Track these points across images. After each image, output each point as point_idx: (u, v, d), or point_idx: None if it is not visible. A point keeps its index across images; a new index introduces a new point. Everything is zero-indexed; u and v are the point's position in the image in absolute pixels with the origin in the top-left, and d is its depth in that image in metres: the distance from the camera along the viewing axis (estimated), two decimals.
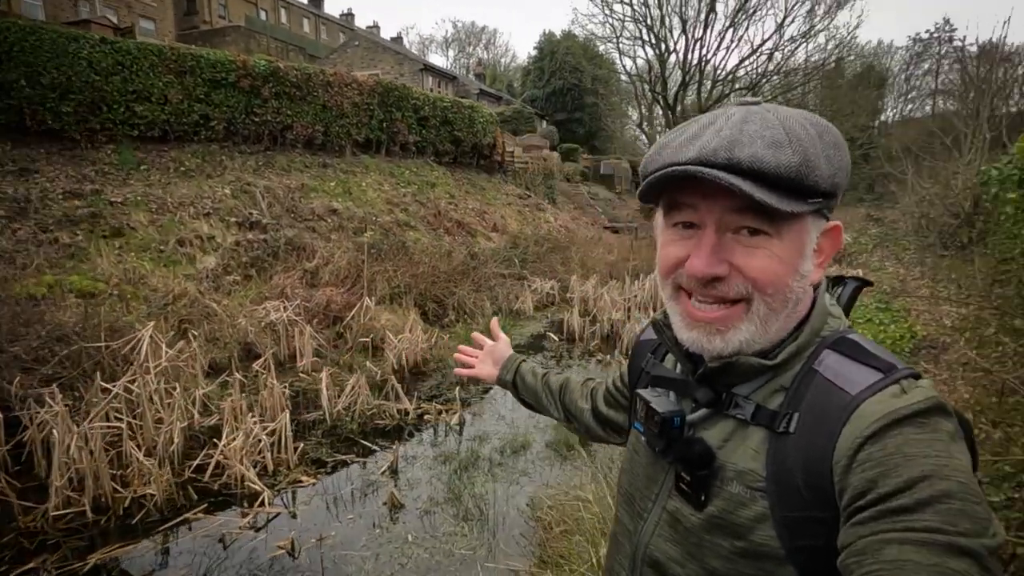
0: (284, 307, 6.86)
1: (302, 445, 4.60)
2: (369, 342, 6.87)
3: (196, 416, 4.86)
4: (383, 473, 4.35)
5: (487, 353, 1.30)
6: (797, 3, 25.86)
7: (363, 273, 8.11)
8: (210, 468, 4.11)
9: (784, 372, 0.65)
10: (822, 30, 26.73)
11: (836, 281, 0.78)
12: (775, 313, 0.64)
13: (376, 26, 37.83)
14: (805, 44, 27.20)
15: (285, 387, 5.09)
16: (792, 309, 0.66)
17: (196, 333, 5.85)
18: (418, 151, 14.79)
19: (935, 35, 38.03)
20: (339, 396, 5.41)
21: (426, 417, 5.39)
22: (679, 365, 0.76)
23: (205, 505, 3.81)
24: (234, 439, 4.19)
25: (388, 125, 13.50)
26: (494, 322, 1.38)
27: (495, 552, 3.43)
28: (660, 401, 0.72)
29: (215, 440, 4.32)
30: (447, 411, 5.49)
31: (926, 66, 38.92)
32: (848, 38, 27.86)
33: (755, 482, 0.62)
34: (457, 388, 5.88)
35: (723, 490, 0.65)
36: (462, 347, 1.37)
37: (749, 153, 0.58)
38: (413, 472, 4.41)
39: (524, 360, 1.26)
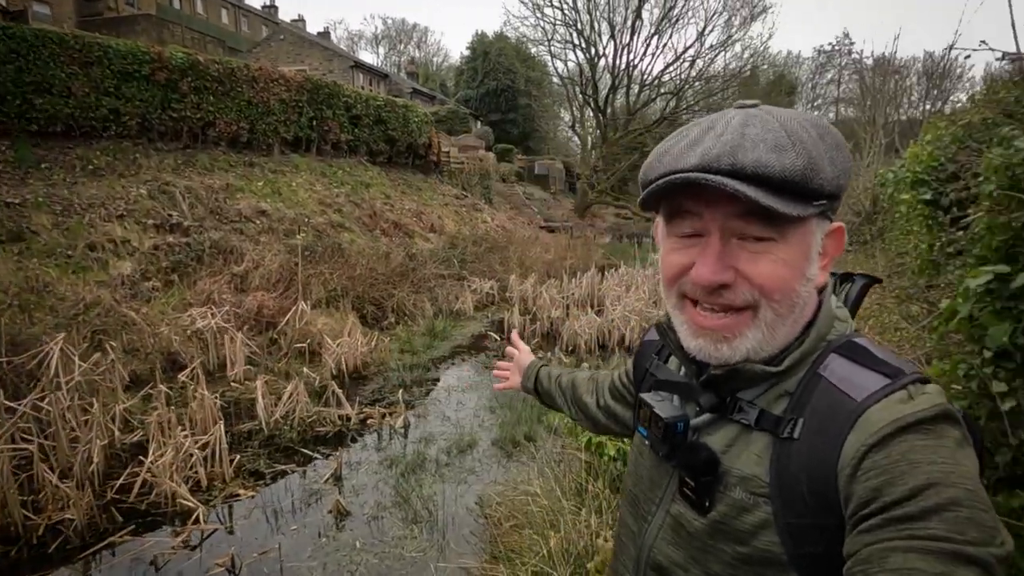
0: (212, 314, 6.51)
1: (238, 457, 4.39)
2: (306, 347, 6.65)
3: (117, 433, 4.53)
4: (326, 481, 4.24)
5: (516, 364, 1.36)
6: (716, 14, 27.47)
7: (297, 276, 7.83)
8: (136, 487, 3.85)
9: (789, 377, 0.64)
10: (738, 40, 28.54)
11: (844, 278, 0.76)
12: (782, 319, 0.63)
13: (301, 20, 36.36)
14: (724, 52, 28.86)
15: (216, 397, 4.83)
16: (799, 314, 0.64)
17: (113, 344, 5.44)
18: (351, 150, 14.43)
19: (836, 47, 41.47)
20: (276, 404, 5.21)
21: (369, 422, 5.29)
22: (683, 368, 0.75)
23: (132, 527, 3.57)
24: (162, 455, 3.95)
25: (319, 123, 13.07)
26: (514, 335, 1.44)
27: (446, 552, 3.43)
28: (663, 406, 0.71)
29: (140, 457, 4.04)
30: (391, 414, 5.41)
31: (829, 75, 42.36)
32: (761, 48, 29.99)
33: (758, 488, 0.61)
34: (400, 391, 5.81)
35: (726, 495, 0.64)
36: (499, 363, 1.43)
37: (753, 158, 0.57)
38: (358, 478, 4.32)
39: (543, 365, 1.30)
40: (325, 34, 37.08)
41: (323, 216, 11.18)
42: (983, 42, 1.36)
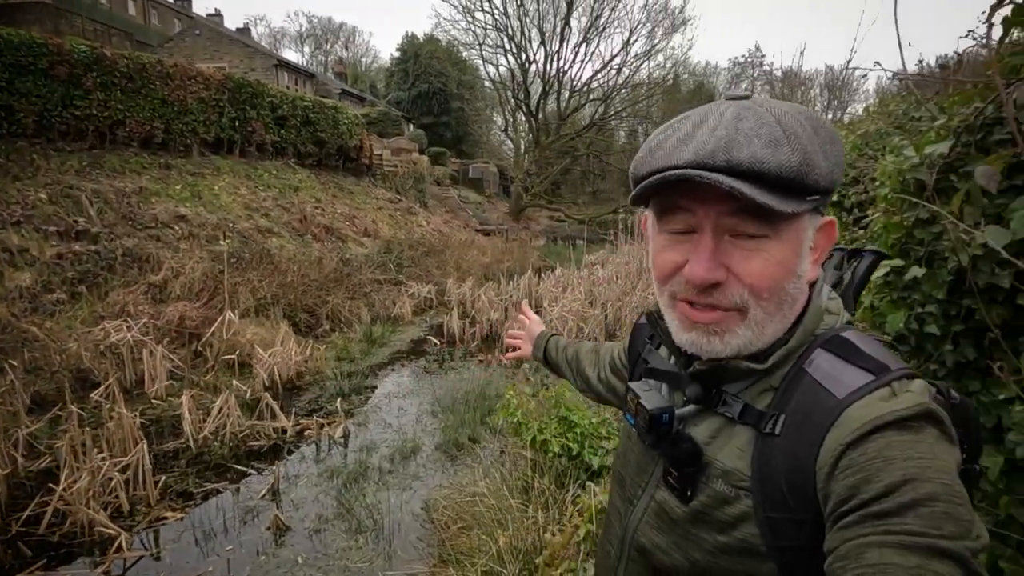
0: (127, 326, 6.07)
1: (164, 478, 4.13)
2: (235, 359, 6.33)
3: (20, 460, 4.13)
4: (263, 497, 4.07)
5: (527, 333, 1.38)
6: (640, 24, 28.73)
7: (223, 284, 7.43)
8: (46, 517, 3.53)
9: (774, 372, 0.64)
10: (661, 50, 29.98)
11: (853, 254, 0.75)
12: (771, 316, 0.62)
13: (218, 14, 34.41)
14: (648, 61, 30.11)
15: (136, 416, 4.51)
16: (788, 310, 0.64)
17: (13, 363, 4.96)
18: (278, 152, 13.87)
19: (749, 59, 44.31)
20: (205, 420, 4.93)
21: (307, 433, 5.12)
22: (672, 357, 0.75)
23: (44, 561, 3.27)
24: (75, 481, 3.64)
25: (242, 124, 12.47)
26: (524, 305, 1.45)
27: (393, 560, 3.39)
28: (650, 396, 0.71)
29: (51, 485, 3.72)
30: (329, 424, 5.26)
31: (744, 85, 45.12)
32: (682, 58, 31.51)
33: (740, 481, 0.62)
34: (338, 400, 5.66)
35: (708, 486, 0.64)
36: (510, 331, 1.44)
37: (748, 153, 0.55)
38: (297, 492, 4.17)
39: (553, 335, 1.32)
40: (245, 31, 35.35)
41: (249, 221, 10.68)
42: (877, 63, 1.53)
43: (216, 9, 34.69)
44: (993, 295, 1.34)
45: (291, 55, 46.89)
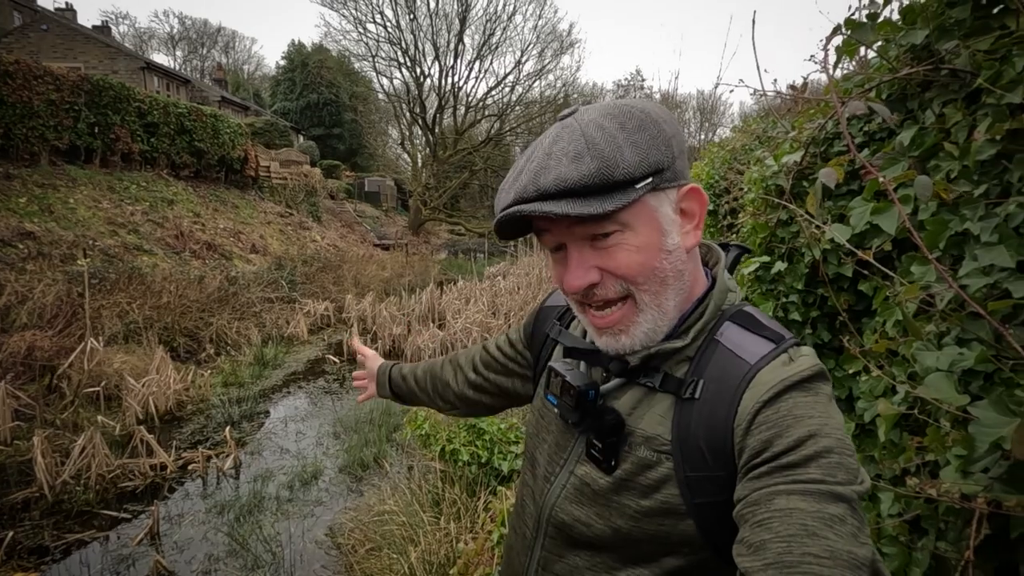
0: None
1: (11, 534, 3.55)
2: (100, 391, 5.62)
3: None
4: (139, 542, 3.63)
5: (368, 373, 1.28)
6: (531, 45, 29.78)
7: (83, 309, 6.58)
8: None
9: (691, 344, 0.69)
10: (551, 70, 31.19)
11: (723, 248, 0.81)
12: (661, 294, 0.67)
13: (70, 9, 30.64)
14: (539, 80, 31.29)
15: None
16: (682, 284, 0.69)
17: None
18: (148, 162, 12.64)
19: (631, 81, 47.62)
20: (63, 464, 4.31)
21: (191, 467, 4.65)
22: (587, 334, 0.78)
23: None
24: None
25: (103, 130, 11.22)
26: (354, 341, 1.34)
27: None
28: (574, 374, 0.73)
29: None
30: (218, 455, 4.82)
31: None
32: (571, 79, 33.13)
33: (661, 446, 0.66)
34: (227, 428, 5.21)
35: (631, 454, 0.68)
36: (355, 373, 1.32)
37: (553, 176, 0.61)
38: (182, 532, 3.78)
39: (393, 366, 1.24)
40: (104, 29, 31.85)
41: (114, 237, 9.60)
42: (741, 80, 1.73)
43: (67, 3, 30.90)
44: (840, 284, 1.56)
45: (161, 59, 43.00)
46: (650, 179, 0.63)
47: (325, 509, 4.05)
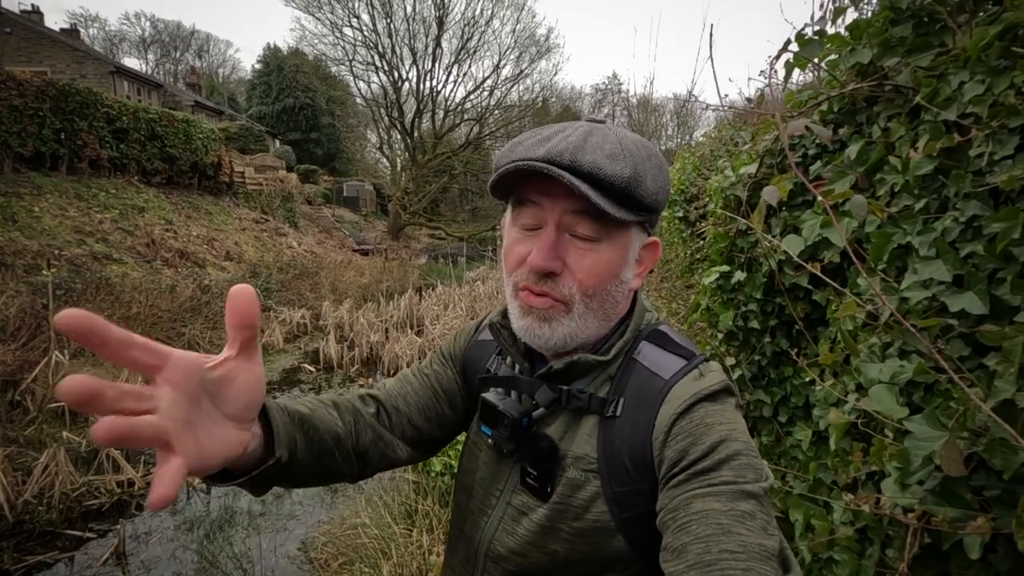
0: None
1: None
2: (65, 406, 5.45)
3: None
4: (104, 562, 3.53)
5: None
6: (509, 49, 29.78)
7: (47, 321, 6.39)
8: None
9: (612, 363, 0.73)
10: (529, 74, 31.28)
11: None
12: (592, 313, 0.70)
13: (37, 11, 29.80)
14: (518, 85, 31.34)
15: None
16: (610, 311, 0.73)
17: None
18: (117, 169, 12.35)
19: (608, 86, 48.04)
20: (25, 482, 4.17)
21: None
22: (516, 366, 0.80)
23: None
24: None
25: (70, 137, 10.94)
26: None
27: None
28: (508, 404, 0.74)
29: None
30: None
31: (606, 110, 48.74)
32: (549, 83, 33.29)
33: (589, 465, 0.69)
34: None
35: (563, 477, 0.70)
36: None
37: (590, 159, 0.64)
38: (149, 551, 3.68)
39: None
40: (73, 32, 31.05)
41: (82, 247, 9.35)
42: (695, 96, 1.75)
43: (33, 5, 30.04)
44: (796, 293, 1.58)
45: (132, 63, 42.06)
46: (647, 214, 0.70)
47: (298, 523, 3.99)
